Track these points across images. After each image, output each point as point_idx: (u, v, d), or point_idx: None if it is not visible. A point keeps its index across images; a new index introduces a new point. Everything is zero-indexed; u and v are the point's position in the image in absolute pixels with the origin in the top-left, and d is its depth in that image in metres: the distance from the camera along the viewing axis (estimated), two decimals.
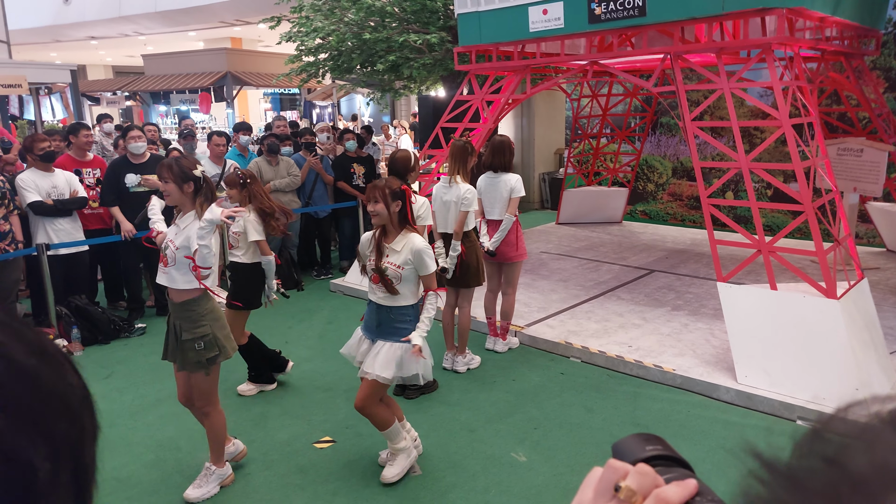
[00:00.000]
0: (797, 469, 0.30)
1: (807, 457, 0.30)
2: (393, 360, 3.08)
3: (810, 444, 0.31)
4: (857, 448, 0.29)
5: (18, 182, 5.11)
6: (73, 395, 0.43)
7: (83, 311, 5.22)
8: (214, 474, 3.19)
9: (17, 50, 15.94)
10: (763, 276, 5.07)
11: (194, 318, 3.02)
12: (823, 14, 4.51)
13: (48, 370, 0.41)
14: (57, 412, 0.40)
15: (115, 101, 19.81)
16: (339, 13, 8.05)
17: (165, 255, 3.04)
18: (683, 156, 8.91)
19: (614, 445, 0.57)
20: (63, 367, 0.43)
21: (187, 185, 2.99)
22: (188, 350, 3.01)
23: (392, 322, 3.13)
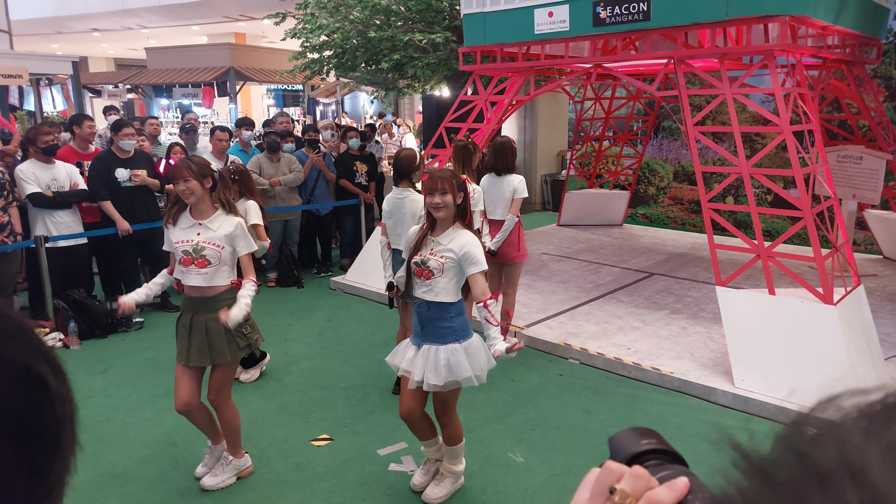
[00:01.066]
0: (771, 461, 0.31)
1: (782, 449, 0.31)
2: (441, 365, 2.85)
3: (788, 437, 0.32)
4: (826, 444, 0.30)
5: (18, 173, 5.10)
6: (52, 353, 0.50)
7: (81, 305, 5.22)
8: (231, 464, 3.22)
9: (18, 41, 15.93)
10: (762, 281, 5.09)
11: (232, 306, 3.06)
12: (826, 22, 4.53)
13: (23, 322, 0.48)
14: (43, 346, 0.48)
15: (116, 94, 19.79)
16: (344, 11, 8.06)
17: (203, 256, 3.02)
18: (685, 160, 8.93)
19: (610, 439, 0.58)
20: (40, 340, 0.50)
21: (206, 180, 3.05)
22: (237, 337, 3.05)
23: (434, 321, 2.90)
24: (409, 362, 2.96)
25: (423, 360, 2.90)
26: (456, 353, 2.87)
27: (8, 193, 5.01)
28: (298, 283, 6.67)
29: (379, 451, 3.51)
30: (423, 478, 3.18)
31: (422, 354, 2.91)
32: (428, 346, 2.91)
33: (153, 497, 3.13)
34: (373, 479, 3.25)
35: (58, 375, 0.48)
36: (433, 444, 3.14)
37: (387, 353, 4.83)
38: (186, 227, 3.07)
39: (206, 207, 3.08)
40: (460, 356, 2.87)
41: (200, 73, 17.52)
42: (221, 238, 3.04)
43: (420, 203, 4.00)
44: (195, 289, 3.07)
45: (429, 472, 3.18)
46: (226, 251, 3.06)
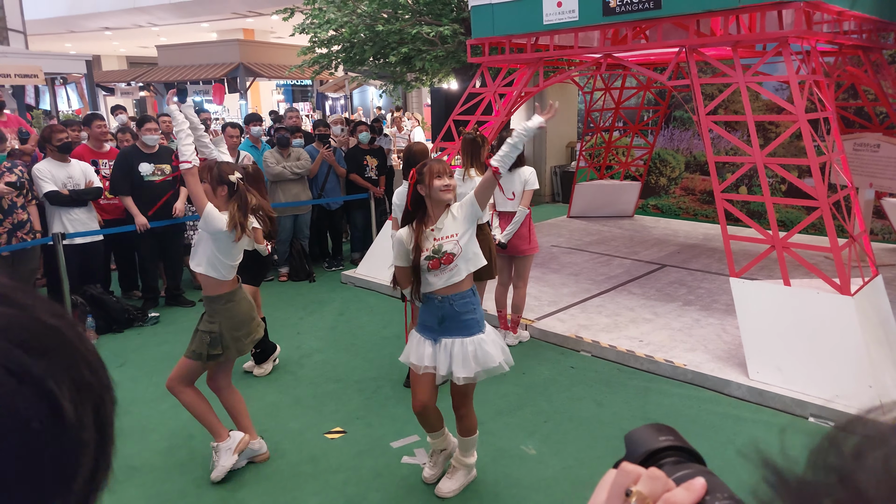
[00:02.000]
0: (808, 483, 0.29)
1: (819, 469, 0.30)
2: (470, 358, 2.84)
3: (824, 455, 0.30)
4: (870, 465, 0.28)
5: (35, 172, 5.17)
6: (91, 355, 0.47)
7: (98, 301, 5.29)
8: (221, 449, 3.22)
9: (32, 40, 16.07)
10: (776, 272, 5.04)
11: (211, 313, 3.18)
12: (841, 7, 4.46)
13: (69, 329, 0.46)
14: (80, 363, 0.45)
15: (129, 92, 19.94)
16: (352, 5, 8.04)
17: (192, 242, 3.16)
18: (697, 150, 8.84)
19: (627, 436, 0.58)
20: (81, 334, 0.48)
21: (221, 188, 3.13)
22: (198, 338, 3.15)
23: (458, 316, 2.86)
24: (430, 358, 2.92)
25: (446, 354, 2.87)
26: (483, 343, 2.87)
27: (27, 192, 5.09)
28: (310, 278, 6.70)
29: (392, 443, 3.53)
30: (432, 470, 3.19)
31: (443, 349, 2.88)
32: (451, 340, 2.87)
33: (170, 488, 3.17)
34: (386, 471, 3.27)
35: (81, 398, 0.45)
36: (439, 435, 3.17)
37: (398, 345, 4.86)
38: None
39: (220, 208, 3.16)
40: (487, 346, 2.87)
41: (211, 70, 17.59)
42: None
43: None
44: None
45: (437, 464, 3.19)
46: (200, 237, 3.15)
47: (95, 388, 0.46)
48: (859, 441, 0.29)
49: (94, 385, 0.46)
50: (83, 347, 0.47)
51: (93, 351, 0.48)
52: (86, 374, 0.45)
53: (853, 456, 0.29)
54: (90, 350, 0.47)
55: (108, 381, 0.48)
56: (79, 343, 0.46)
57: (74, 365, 0.45)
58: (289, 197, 6.51)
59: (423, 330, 2.97)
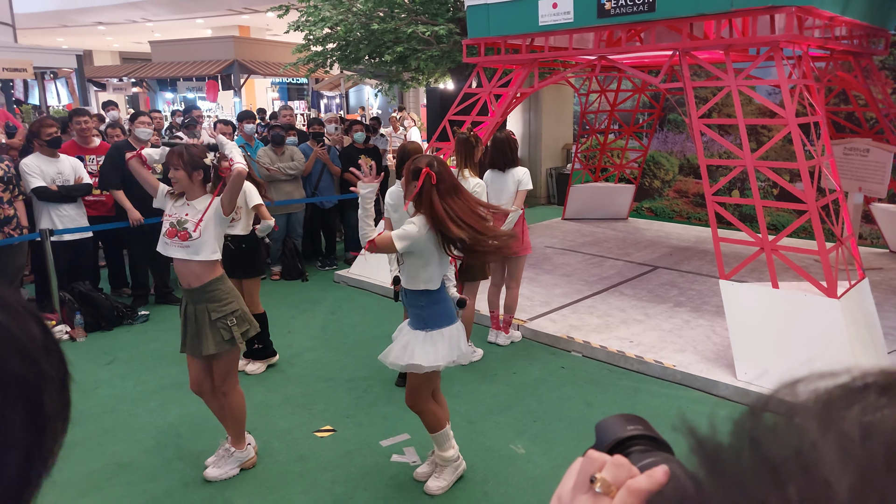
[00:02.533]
0: (724, 448, 0.31)
1: (737, 437, 0.31)
2: (397, 346, 2.97)
3: (744, 424, 0.31)
4: (780, 432, 0.29)
5: (23, 167, 5.12)
6: (31, 341, 0.45)
7: (87, 298, 5.25)
8: (234, 456, 3.23)
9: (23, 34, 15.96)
10: (766, 275, 5.07)
11: (221, 297, 3.08)
12: (833, 13, 4.49)
13: (6, 318, 0.44)
14: (6, 354, 0.43)
15: (121, 88, 19.82)
16: (347, 3, 8.03)
17: (185, 229, 3.03)
18: (690, 153, 8.88)
19: (597, 425, 0.59)
20: (22, 318, 0.45)
21: (196, 172, 3.06)
22: (220, 329, 3.05)
23: (410, 308, 2.99)
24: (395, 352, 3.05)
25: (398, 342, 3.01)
26: (415, 338, 2.92)
27: (14, 187, 5.04)
28: (302, 277, 6.69)
29: (381, 442, 3.53)
30: (427, 468, 3.20)
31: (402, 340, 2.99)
32: (406, 328, 3.01)
33: (158, 487, 3.15)
34: (375, 470, 3.27)
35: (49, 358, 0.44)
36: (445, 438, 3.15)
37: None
38: (178, 205, 3.14)
39: (195, 193, 3.11)
40: (416, 341, 2.91)
41: (205, 67, 17.52)
42: (204, 212, 3.06)
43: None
44: (179, 262, 3.07)
45: (433, 463, 3.20)
46: (207, 227, 3.04)
47: (29, 379, 0.44)
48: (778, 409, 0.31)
49: (25, 377, 0.43)
50: (20, 334, 0.44)
51: (36, 337, 0.45)
52: (16, 366, 0.43)
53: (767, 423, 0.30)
54: (32, 337, 0.45)
55: (55, 369, 0.46)
56: (17, 332, 0.44)
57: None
58: (282, 195, 6.50)
59: None
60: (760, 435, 0.30)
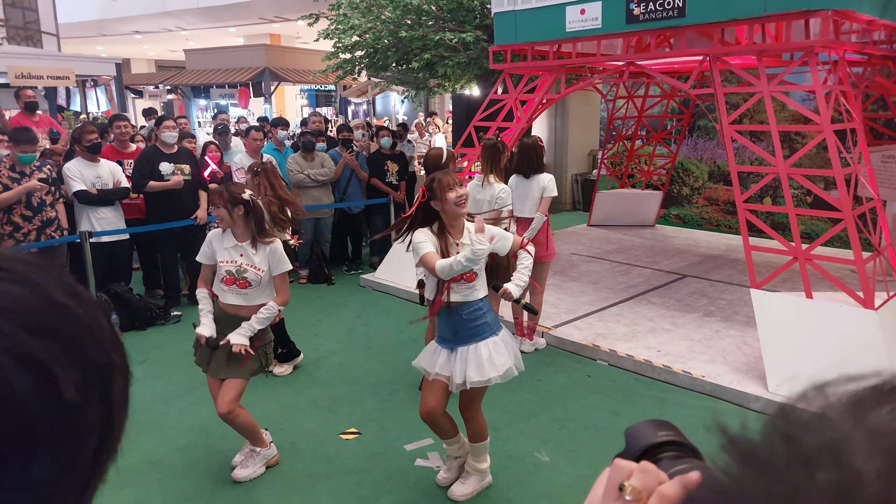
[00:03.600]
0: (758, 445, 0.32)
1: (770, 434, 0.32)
2: (484, 361, 2.86)
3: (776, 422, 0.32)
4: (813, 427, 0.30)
5: (65, 171, 5.30)
6: (102, 332, 0.46)
7: (122, 298, 5.39)
8: (260, 454, 3.30)
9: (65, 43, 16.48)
10: (799, 285, 4.96)
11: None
12: (871, 17, 4.39)
13: (81, 308, 0.45)
14: (87, 342, 0.44)
15: (157, 95, 20.31)
16: (376, 11, 8.12)
17: (245, 278, 3.16)
18: (720, 160, 8.75)
19: (627, 430, 0.58)
20: (95, 310, 0.47)
21: (237, 209, 3.15)
22: (260, 356, 3.19)
23: (467, 323, 2.90)
24: (442, 366, 2.95)
25: (462, 361, 2.89)
26: (497, 346, 2.90)
27: (56, 190, 5.21)
28: (329, 280, 6.76)
29: (406, 446, 3.54)
30: (447, 474, 3.20)
31: (459, 357, 2.90)
32: (465, 348, 2.90)
33: (187, 485, 3.22)
34: (399, 474, 3.28)
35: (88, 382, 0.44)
36: (455, 441, 3.15)
37: (414, 349, 4.87)
38: (229, 247, 3.20)
39: (243, 231, 3.20)
40: (500, 348, 2.91)
41: (236, 74, 17.87)
42: (262, 260, 3.17)
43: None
44: (232, 307, 3.20)
45: (452, 469, 3.19)
46: (265, 274, 3.19)
47: (104, 367, 0.45)
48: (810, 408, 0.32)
49: (102, 365, 0.45)
50: (94, 325, 0.45)
51: (105, 329, 0.46)
52: (93, 353, 0.44)
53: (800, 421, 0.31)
54: (102, 328, 0.46)
55: (121, 360, 0.48)
56: (89, 321, 0.45)
57: (80, 345, 0.44)
58: (310, 200, 6.58)
59: (441, 341, 3.01)
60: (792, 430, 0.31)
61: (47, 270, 0.45)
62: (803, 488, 0.28)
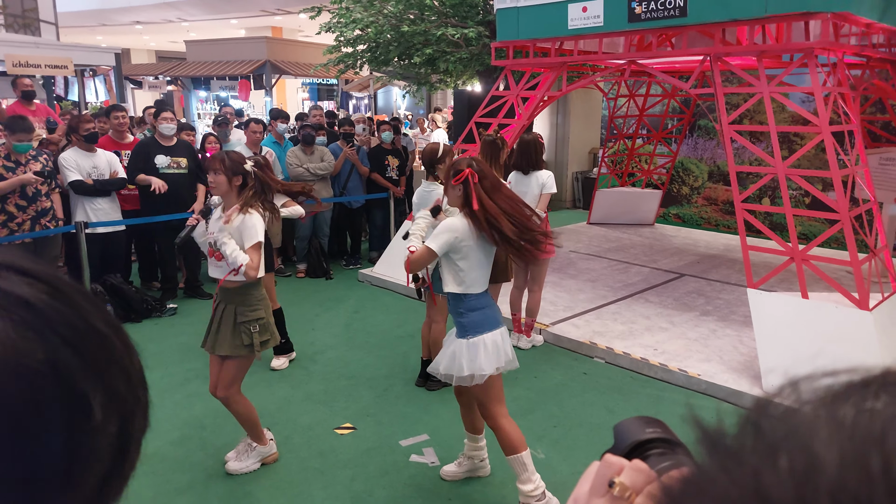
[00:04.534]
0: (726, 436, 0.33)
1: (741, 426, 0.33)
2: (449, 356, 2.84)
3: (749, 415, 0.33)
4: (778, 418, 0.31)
5: (61, 161, 5.27)
6: (133, 367, 0.49)
7: (117, 290, 5.39)
8: (256, 450, 3.28)
9: (64, 32, 16.41)
10: (795, 285, 4.97)
11: (251, 302, 3.13)
12: (870, 20, 4.39)
13: (118, 341, 0.48)
14: (118, 374, 0.47)
15: (156, 86, 20.25)
16: (378, 5, 8.10)
17: (219, 250, 3.09)
18: (720, 160, 8.75)
19: (616, 426, 0.58)
20: (131, 348, 0.50)
21: (236, 178, 3.11)
22: (242, 333, 3.09)
23: (452, 314, 2.91)
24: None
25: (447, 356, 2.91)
26: (460, 347, 2.82)
27: (51, 180, 5.19)
28: (327, 275, 6.76)
29: (401, 441, 3.55)
30: (454, 468, 3.19)
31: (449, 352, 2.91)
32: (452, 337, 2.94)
33: (181, 478, 3.22)
34: (394, 469, 3.29)
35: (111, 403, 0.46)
36: (472, 440, 3.16)
37: (412, 344, 4.89)
38: (216, 218, 3.16)
39: (231, 201, 3.14)
40: (462, 351, 2.81)
41: (237, 66, 17.81)
42: (234, 232, 3.08)
43: None
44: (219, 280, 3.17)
45: (461, 466, 3.19)
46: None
47: (129, 402, 0.48)
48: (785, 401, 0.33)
49: (127, 399, 0.48)
50: (127, 361, 0.48)
51: (137, 367, 0.49)
52: (121, 386, 0.47)
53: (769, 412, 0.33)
54: (134, 365, 0.49)
55: (144, 399, 0.50)
56: (124, 356, 0.48)
57: (112, 375, 0.46)
58: None
59: None
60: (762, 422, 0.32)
61: (94, 301, 0.48)
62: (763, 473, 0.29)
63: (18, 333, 0.42)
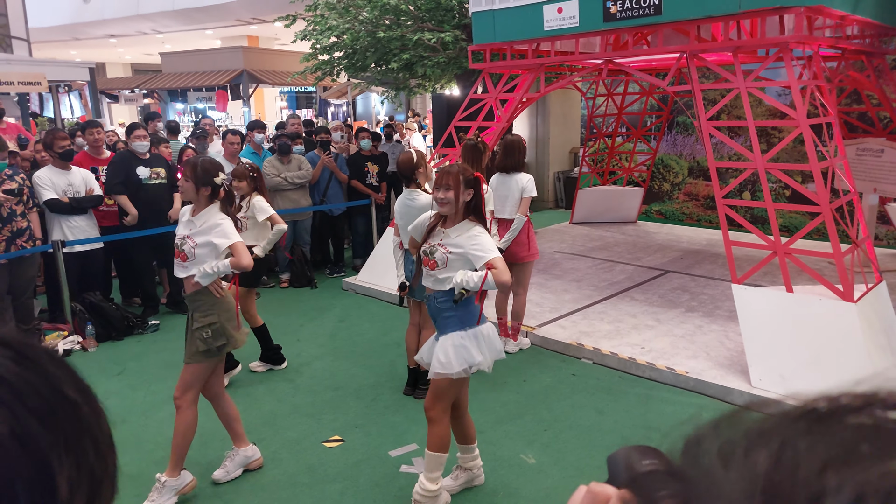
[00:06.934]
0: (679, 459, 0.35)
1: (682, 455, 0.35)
2: (450, 350, 2.80)
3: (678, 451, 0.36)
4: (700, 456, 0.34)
5: (35, 179, 5.16)
6: (104, 437, 0.48)
7: (97, 308, 5.28)
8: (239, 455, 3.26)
9: (37, 48, 16.16)
10: (779, 279, 5.00)
11: (204, 309, 3.09)
12: (844, 12, 4.43)
13: (89, 409, 0.46)
14: (88, 444, 0.45)
15: (132, 99, 20.02)
16: (353, 12, 8.05)
17: (182, 251, 3.09)
18: (700, 155, 8.81)
19: (609, 458, 0.55)
20: (100, 413, 0.48)
21: (204, 188, 3.09)
22: (196, 339, 3.05)
23: (440, 313, 2.87)
24: (426, 352, 2.99)
25: (433, 351, 2.91)
26: (463, 339, 2.82)
27: (28, 199, 5.08)
28: (311, 284, 6.68)
29: (390, 452, 3.50)
30: (450, 481, 3.11)
31: (438, 345, 2.88)
32: (442, 337, 2.90)
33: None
34: (384, 481, 3.24)
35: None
36: (466, 451, 3.11)
37: (398, 353, 4.84)
38: (184, 220, 3.18)
39: (200, 206, 3.14)
40: (467, 342, 2.82)
41: (214, 77, 17.66)
42: (200, 233, 3.07)
43: (427, 203, 3.99)
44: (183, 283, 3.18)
45: (457, 479, 3.12)
46: (200, 249, 3.06)
47: (97, 473, 0.46)
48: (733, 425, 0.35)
49: (95, 470, 0.46)
50: (97, 429, 0.47)
51: (106, 432, 0.48)
52: (90, 456, 0.45)
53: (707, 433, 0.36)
54: (103, 431, 0.47)
55: (113, 467, 0.48)
56: (93, 423, 0.46)
57: (81, 445, 0.45)
58: (288, 203, 6.50)
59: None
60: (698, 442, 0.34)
61: (63, 365, 0.46)
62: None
63: None
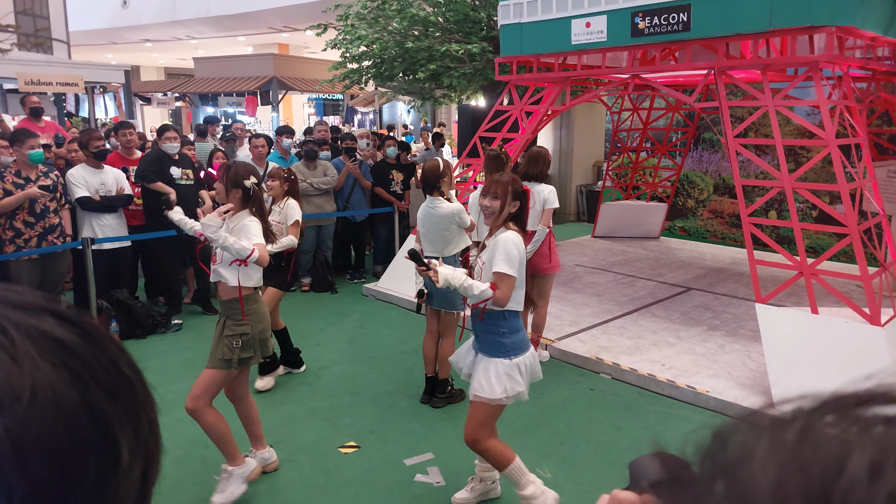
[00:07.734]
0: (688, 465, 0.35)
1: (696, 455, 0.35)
2: (493, 377, 2.74)
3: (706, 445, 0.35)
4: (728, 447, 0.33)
5: (68, 177, 5.31)
6: (153, 411, 0.50)
7: (123, 305, 5.39)
8: (234, 475, 3.14)
9: (75, 51, 16.63)
10: (805, 300, 4.92)
11: (238, 317, 3.12)
12: (875, 33, 4.38)
13: (140, 385, 0.49)
14: (143, 419, 0.48)
15: (165, 102, 20.46)
16: (383, 22, 8.17)
17: (215, 253, 3.15)
18: (726, 172, 8.72)
19: (631, 464, 0.56)
20: (150, 392, 0.51)
21: (235, 191, 3.14)
22: (224, 346, 3.07)
23: (486, 333, 2.80)
24: (469, 366, 2.93)
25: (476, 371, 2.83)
26: (509, 369, 2.75)
27: (61, 196, 5.23)
28: (332, 289, 6.75)
29: (405, 460, 3.51)
30: (466, 493, 3.10)
31: (481, 368, 2.81)
32: (482, 357, 2.83)
33: (183, 498, 3.19)
34: (398, 488, 3.25)
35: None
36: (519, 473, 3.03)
37: (417, 360, 4.86)
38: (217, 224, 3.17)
39: (234, 210, 3.18)
40: (513, 371, 2.76)
41: (245, 83, 17.98)
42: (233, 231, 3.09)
43: (450, 212, 4.01)
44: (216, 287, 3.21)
45: (472, 491, 3.12)
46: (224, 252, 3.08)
47: (150, 447, 0.48)
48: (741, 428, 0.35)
49: (149, 444, 0.48)
50: (149, 406, 0.49)
51: (155, 409, 0.50)
52: (145, 430, 0.48)
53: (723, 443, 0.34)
54: (153, 407, 0.50)
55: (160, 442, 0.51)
56: (145, 397, 0.49)
57: (138, 418, 0.47)
58: (313, 208, 6.58)
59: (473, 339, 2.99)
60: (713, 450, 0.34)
61: (121, 347, 0.50)
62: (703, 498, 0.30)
63: (58, 375, 0.42)
